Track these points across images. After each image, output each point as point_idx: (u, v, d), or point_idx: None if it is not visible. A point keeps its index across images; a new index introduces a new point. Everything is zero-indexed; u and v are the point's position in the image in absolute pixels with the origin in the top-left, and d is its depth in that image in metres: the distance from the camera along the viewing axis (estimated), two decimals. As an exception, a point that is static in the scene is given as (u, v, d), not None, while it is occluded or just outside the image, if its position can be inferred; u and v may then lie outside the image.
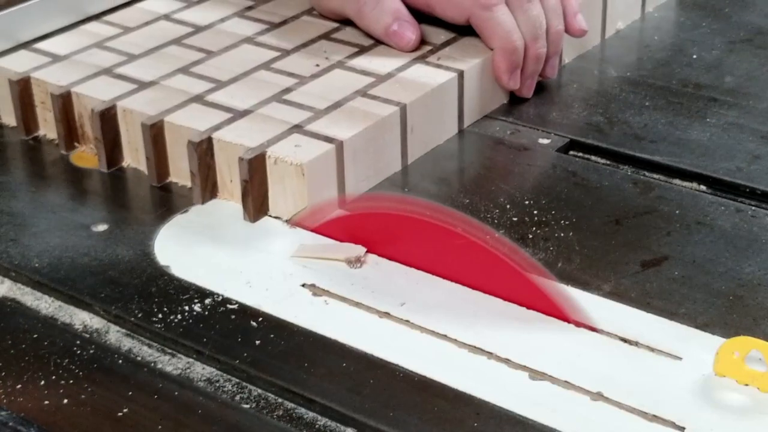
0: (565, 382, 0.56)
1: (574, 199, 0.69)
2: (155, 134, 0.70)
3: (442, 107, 0.75)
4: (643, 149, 0.74)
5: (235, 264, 0.64)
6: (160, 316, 0.61)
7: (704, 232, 0.66)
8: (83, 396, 0.56)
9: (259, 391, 0.56)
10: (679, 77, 0.84)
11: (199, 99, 0.72)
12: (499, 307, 0.61)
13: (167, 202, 0.70)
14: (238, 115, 0.70)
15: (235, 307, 0.61)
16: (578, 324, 0.59)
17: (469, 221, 0.63)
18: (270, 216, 0.68)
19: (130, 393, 0.56)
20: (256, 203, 0.67)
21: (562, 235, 0.66)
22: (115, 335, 0.60)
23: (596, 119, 0.78)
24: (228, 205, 0.69)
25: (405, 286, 0.62)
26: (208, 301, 0.62)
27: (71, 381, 0.57)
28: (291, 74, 0.75)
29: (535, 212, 0.68)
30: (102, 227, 0.68)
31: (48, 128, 0.76)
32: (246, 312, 0.61)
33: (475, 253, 0.61)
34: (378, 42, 0.79)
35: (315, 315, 0.60)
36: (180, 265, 0.64)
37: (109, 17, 0.83)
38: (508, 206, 0.68)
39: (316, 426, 0.54)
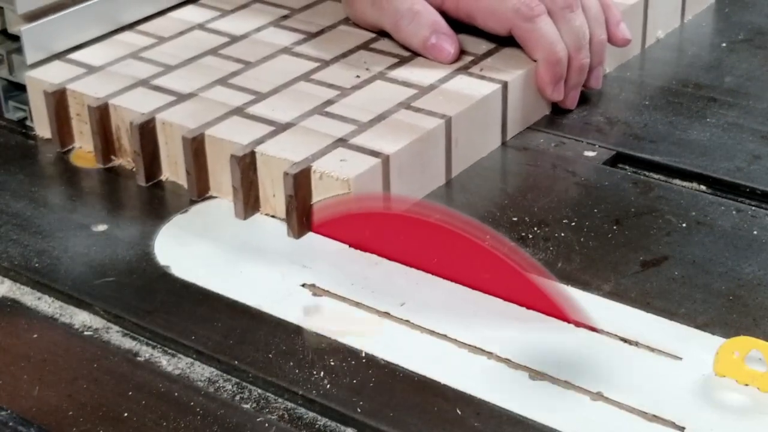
0: (565, 382, 0.56)
1: (573, 199, 0.69)
2: (196, 148, 0.68)
3: (485, 119, 0.73)
4: (695, 162, 0.73)
5: (235, 264, 0.64)
6: (160, 316, 0.61)
7: (704, 232, 0.66)
8: (83, 396, 0.56)
9: (259, 391, 0.56)
10: (726, 86, 0.82)
11: (239, 111, 0.71)
12: (499, 307, 0.61)
13: (167, 202, 0.70)
14: (281, 128, 0.69)
15: (235, 307, 0.61)
16: (578, 324, 0.59)
17: (469, 222, 0.63)
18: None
19: (130, 393, 0.56)
20: (300, 218, 0.66)
21: (562, 235, 0.66)
22: (115, 335, 0.60)
23: (641, 130, 0.76)
24: (228, 205, 0.69)
25: (405, 286, 0.62)
26: (207, 301, 0.62)
27: (71, 381, 0.57)
28: (332, 86, 0.73)
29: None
30: (102, 227, 0.68)
31: (84, 141, 0.74)
32: (246, 312, 0.61)
33: (475, 253, 0.61)
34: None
35: (315, 315, 0.60)
36: (180, 265, 0.64)
37: (142, 27, 0.81)
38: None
39: (316, 426, 0.54)
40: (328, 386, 0.56)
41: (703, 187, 0.71)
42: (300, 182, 0.65)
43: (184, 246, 0.66)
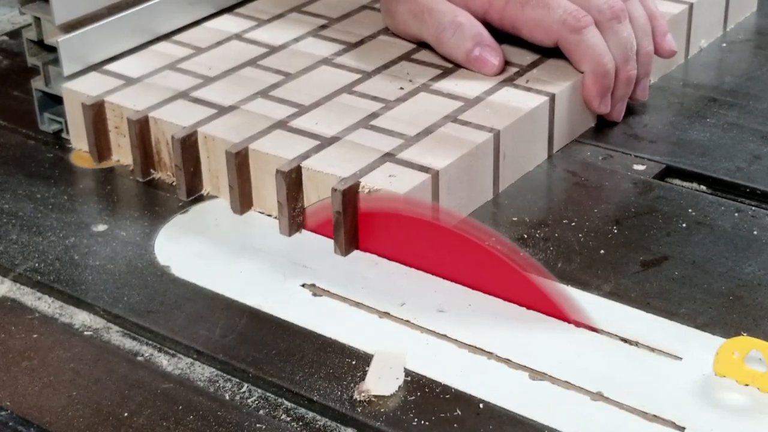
0: (565, 382, 0.56)
1: (573, 199, 0.69)
2: (240, 162, 0.67)
3: (533, 132, 0.71)
4: (746, 175, 0.71)
5: (235, 264, 0.64)
6: (160, 316, 0.61)
7: (704, 232, 0.66)
8: (83, 396, 0.56)
9: (259, 391, 0.56)
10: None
11: (282, 125, 0.69)
12: (499, 307, 0.61)
13: (168, 202, 0.70)
14: (326, 142, 0.67)
15: (235, 307, 0.61)
16: (578, 324, 0.59)
17: (469, 222, 0.63)
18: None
19: (130, 393, 0.56)
20: (348, 235, 0.64)
21: (562, 235, 0.66)
22: (115, 335, 0.60)
23: (691, 143, 0.75)
24: (227, 205, 0.69)
25: (405, 286, 0.62)
26: (207, 301, 0.62)
27: (71, 381, 0.57)
28: (375, 98, 0.72)
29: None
30: (102, 227, 0.68)
31: (122, 154, 0.73)
32: (246, 312, 0.61)
33: (475, 253, 0.61)
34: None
35: (315, 315, 0.60)
36: (180, 265, 0.64)
37: (178, 37, 0.80)
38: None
39: (316, 426, 0.54)
40: (328, 386, 0.56)
41: (703, 187, 0.71)
42: (348, 198, 0.63)
43: (184, 246, 0.66)
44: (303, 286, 0.63)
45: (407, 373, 0.56)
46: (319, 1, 0.85)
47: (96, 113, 0.72)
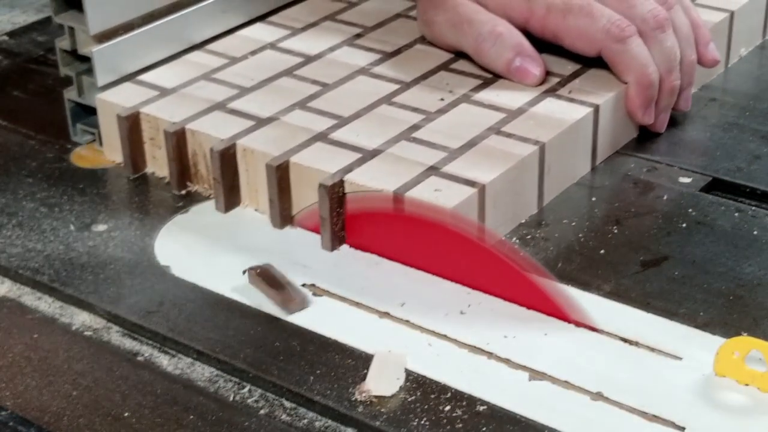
0: (565, 382, 0.56)
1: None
2: (280, 176, 0.65)
3: (577, 144, 0.70)
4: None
5: (236, 264, 0.64)
6: (160, 316, 0.61)
7: (704, 232, 0.66)
8: (83, 396, 0.56)
9: (259, 391, 0.56)
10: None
11: (323, 137, 0.67)
12: (499, 307, 0.61)
13: (168, 202, 0.70)
14: (368, 155, 0.66)
15: (235, 307, 0.61)
16: (578, 324, 0.59)
17: (468, 222, 0.63)
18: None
19: (131, 393, 0.56)
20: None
21: (561, 234, 0.66)
22: (115, 335, 0.60)
23: (735, 155, 0.73)
24: (229, 205, 0.69)
25: (405, 286, 0.62)
26: (207, 301, 0.62)
27: (71, 381, 0.57)
28: (415, 109, 0.70)
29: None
30: (102, 227, 0.68)
31: (157, 166, 0.72)
32: (246, 312, 0.61)
33: (474, 252, 0.61)
34: None
35: (315, 315, 0.60)
36: (180, 265, 0.64)
37: (212, 46, 0.78)
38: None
39: (316, 426, 0.54)
40: (328, 386, 0.56)
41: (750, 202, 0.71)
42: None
43: (184, 246, 0.66)
44: (303, 286, 0.63)
45: (407, 373, 0.56)
46: (353, 10, 0.83)
47: (131, 125, 0.71)
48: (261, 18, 0.82)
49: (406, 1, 0.84)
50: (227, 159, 0.67)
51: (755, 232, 0.66)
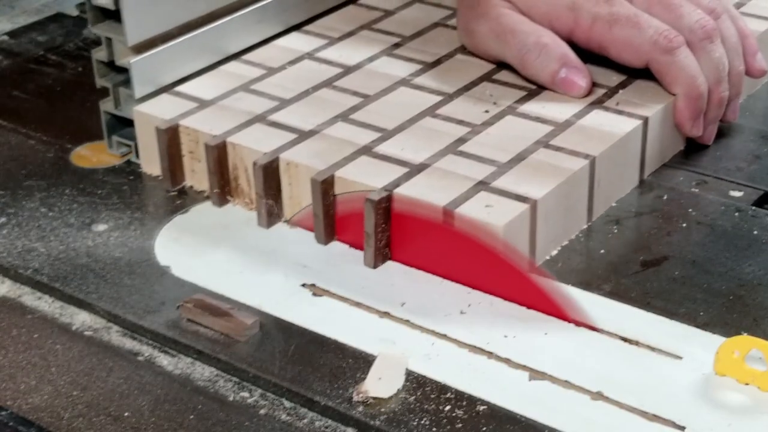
0: (565, 382, 0.56)
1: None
2: (325, 190, 0.64)
3: (626, 157, 0.69)
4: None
5: (235, 264, 0.64)
6: (160, 316, 0.61)
7: (704, 232, 0.66)
8: (83, 396, 0.56)
9: (260, 391, 0.56)
10: None
11: (367, 151, 0.66)
12: (499, 307, 0.61)
13: (168, 202, 0.70)
14: (415, 169, 0.64)
15: (235, 306, 0.61)
16: (578, 324, 0.59)
17: (467, 221, 0.63)
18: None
19: (131, 393, 0.56)
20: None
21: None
22: (115, 335, 0.60)
23: None
24: (227, 205, 0.69)
25: (405, 286, 0.62)
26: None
27: (71, 381, 0.57)
28: (460, 122, 0.69)
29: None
30: (102, 227, 0.68)
31: (195, 179, 0.70)
32: (246, 312, 0.61)
33: (474, 252, 0.61)
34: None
35: (315, 315, 0.60)
36: (180, 265, 0.64)
37: (248, 56, 0.77)
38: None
39: (316, 426, 0.54)
40: (328, 386, 0.56)
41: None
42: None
43: (184, 246, 0.66)
44: (303, 286, 0.63)
45: (407, 373, 0.56)
46: (390, 18, 0.82)
47: (170, 137, 0.69)
48: (296, 27, 0.81)
49: (443, 10, 0.82)
50: (270, 173, 0.66)
51: (755, 232, 0.66)
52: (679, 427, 0.53)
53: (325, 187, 0.64)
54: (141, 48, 0.71)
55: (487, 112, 0.70)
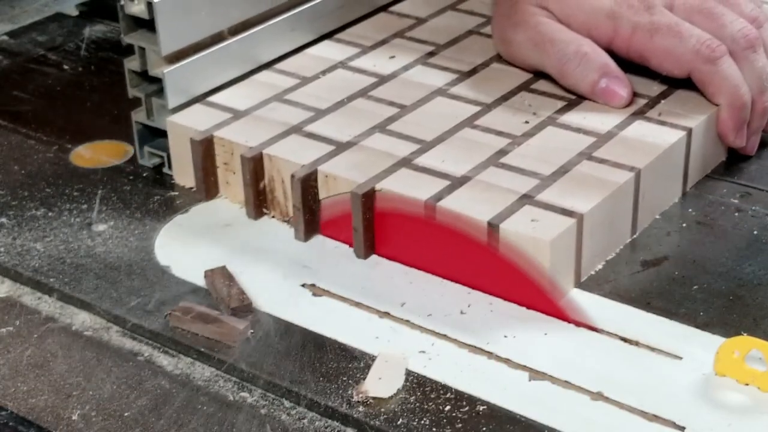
0: (565, 382, 0.56)
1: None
2: (366, 204, 0.63)
3: (669, 169, 0.67)
4: None
5: (235, 264, 0.64)
6: (160, 316, 0.61)
7: (704, 232, 0.66)
8: (83, 396, 0.56)
9: (260, 391, 0.56)
10: None
11: (407, 163, 0.65)
12: (499, 307, 0.61)
13: (168, 202, 0.70)
14: (456, 182, 0.63)
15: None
16: (578, 324, 0.59)
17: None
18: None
19: (131, 393, 0.56)
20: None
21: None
22: (115, 335, 0.60)
23: None
24: (227, 205, 0.69)
25: (405, 286, 0.62)
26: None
27: (71, 381, 0.57)
28: (500, 133, 0.67)
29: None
30: (102, 227, 0.68)
31: (229, 191, 0.69)
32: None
33: (474, 252, 0.61)
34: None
35: (315, 315, 0.60)
36: (180, 265, 0.64)
37: (281, 65, 0.76)
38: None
39: (316, 426, 0.54)
40: (329, 386, 0.56)
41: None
42: (490, 244, 0.60)
43: (184, 246, 0.66)
44: (303, 286, 0.63)
45: (407, 372, 0.56)
46: (422, 26, 0.81)
47: (205, 149, 0.68)
48: (328, 36, 0.79)
49: (476, 17, 0.81)
50: (308, 186, 0.65)
51: (755, 232, 0.66)
52: (679, 427, 0.53)
53: (365, 200, 0.63)
54: (174, 58, 0.70)
55: (527, 122, 0.69)
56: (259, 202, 0.68)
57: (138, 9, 0.68)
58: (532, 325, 0.59)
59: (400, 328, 0.59)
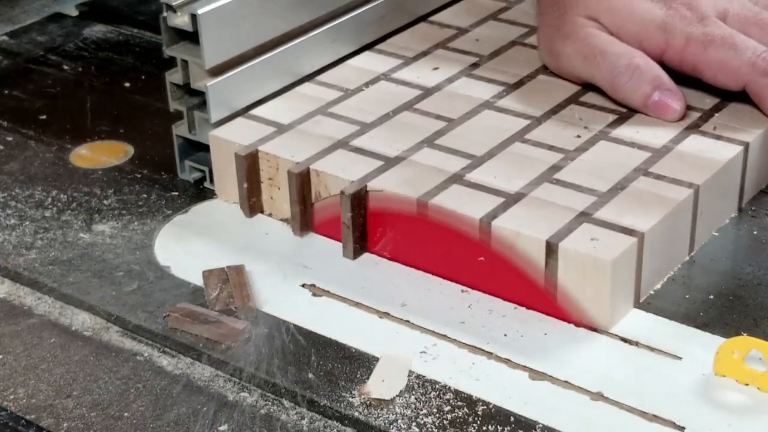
0: (565, 382, 0.56)
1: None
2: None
3: (727, 185, 0.66)
4: None
5: (235, 264, 0.64)
6: (160, 316, 0.61)
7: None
8: (83, 396, 0.56)
9: (259, 391, 0.56)
10: None
11: (458, 179, 0.63)
12: (499, 307, 0.61)
13: (168, 202, 0.70)
14: (511, 199, 0.61)
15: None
16: (578, 324, 0.59)
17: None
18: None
19: (131, 393, 0.56)
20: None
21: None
22: (115, 335, 0.60)
23: None
24: (227, 205, 0.69)
25: (405, 286, 0.62)
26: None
27: (71, 381, 0.57)
28: (552, 147, 0.66)
29: None
30: (102, 227, 0.68)
31: (274, 207, 0.68)
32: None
33: (474, 252, 0.61)
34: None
35: (315, 315, 0.60)
36: (180, 265, 0.64)
37: (322, 77, 0.74)
38: None
39: (316, 426, 0.54)
40: (329, 386, 0.56)
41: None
42: (548, 264, 0.59)
43: (184, 246, 0.66)
44: (303, 286, 0.63)
45: (408, 373, 0.56)
46: (464, 37, 0.79)
47: (249, 164, 0.67)
48: (368, 46, 0.78)
49: (519, 27, 0.80)
50: (358, 202, 0.64)
51: (755, 232, 0.66)
52: (679, 427, 0.53)
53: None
54: (216, 70, 0.69)
55: (578, 137, 0.67)
56: (305, 218, 0.66)
57: (181, 21, 0.67)
58: (532, 325, 0.59)
59: (400, 328, 0.59)
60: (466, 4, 0.83)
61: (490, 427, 0.53)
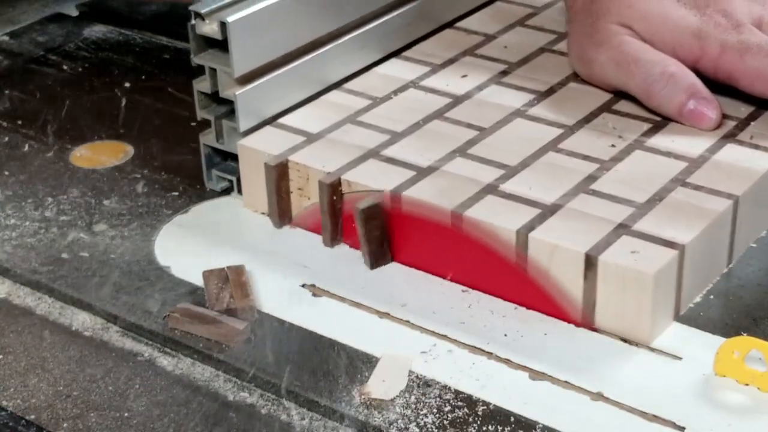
0: (565, 382, 0.56)
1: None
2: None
3: (764, 195, 0.64)
4: None
5: (236, 264, 0.64)
6: (159, 316, 0.61)
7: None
8: (83, 396, 0.56)
9: (259, 391, 0.56)
10: None
11: (493, 189, 0.62)
12: (499, 307, 0.61)
13: (168, 202, 0.70)
14: (547, 210, 0.60)
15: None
16: (578, 324, 0.59)
17: (466, 220, 0.63)
18: (599, 330, 0.59)
19: (131, 393, 0.56)
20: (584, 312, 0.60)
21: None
22: (115, 335, 0.60)
23: None
24: (227, 205, 0.69)
25: (405, 286, 0.62)
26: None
27: (71, 381, 0.57)
28: (586, 157, 0.65)
29: None
30: (102, 227, 0.68)
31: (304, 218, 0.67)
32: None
33: (474, 252, 0.61)
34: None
35: (315, 315, 0.60)
36: (180, 265, 0.64)
37: (350, 85, 0.73)
38: None
39: (316, 426, 0.54)
40: (329, 386, 0.56)
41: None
42: (587, 277, 0.58)
43: (184, 246, 0.66)
44: (303, 286, 0.63)
45: (408, 373, 0.56)
46: (492, 43, 0.78)
47: (279, 174, 0.66)
48: (395, 53, 0.77)
49: (547, 34, 0.79)
50: (373, 213, 0.63)
51: (755, 232, 0.66)
52: (679, 427, 0.53)
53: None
54: (245, 79, 0.68)
55: (613, 146, 0.66)
56: (336, 229, 0.65)
57: (210, 29, 0.66)
58: (532, 325, 0.59)
59: (400, 328, 0.59)
60: (492, 9, 0.82)
61: (490, 427, 0.53)
